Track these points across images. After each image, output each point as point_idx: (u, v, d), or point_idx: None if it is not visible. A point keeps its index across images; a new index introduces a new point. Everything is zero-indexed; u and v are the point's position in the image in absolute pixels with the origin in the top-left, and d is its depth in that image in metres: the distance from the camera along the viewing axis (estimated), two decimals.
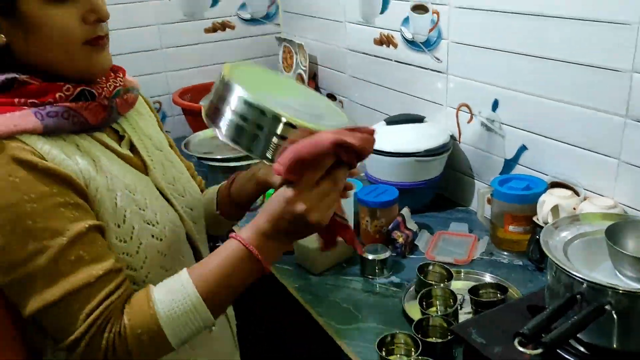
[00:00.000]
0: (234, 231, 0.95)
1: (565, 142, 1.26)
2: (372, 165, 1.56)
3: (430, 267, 1.20)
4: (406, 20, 1.64)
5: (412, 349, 1.01)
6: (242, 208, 1.08)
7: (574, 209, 1.19)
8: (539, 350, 0.72)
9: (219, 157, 1.67)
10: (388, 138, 1.53)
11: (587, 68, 1.17)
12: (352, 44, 1.93)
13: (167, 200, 0.95)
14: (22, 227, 0.73)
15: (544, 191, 1.26)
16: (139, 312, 0.77)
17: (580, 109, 1.21)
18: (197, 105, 2.09)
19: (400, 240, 1.33)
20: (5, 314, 0.83)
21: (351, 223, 1.35)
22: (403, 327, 1.09)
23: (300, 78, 2.15)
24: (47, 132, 0.78)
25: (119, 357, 0.75)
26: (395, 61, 1.73)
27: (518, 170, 1.40)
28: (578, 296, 0.83)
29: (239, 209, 1.07)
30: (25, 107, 0.78)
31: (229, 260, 0.78)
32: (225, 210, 1.08)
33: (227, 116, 0.77)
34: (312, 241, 1.22)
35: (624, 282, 0.84)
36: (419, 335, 1.01)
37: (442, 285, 1.14)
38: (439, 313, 1.09)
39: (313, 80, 2.19)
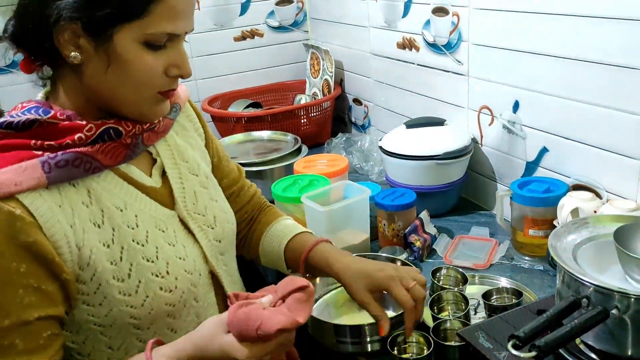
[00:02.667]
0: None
1: (586, 144, 1.23)
2: (392, 168, 1.55)
3: (444, 271, 1.19)
4: (427, 23, 1.64)
5: (425, 349, 1.00)
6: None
7: (595, 211, 1.15)
8: (532, 354, 0.70)
9: (243, 161, 1.70)
10: (408, 141, 1.52)
11: (608, 67, 1.14)
12: (376, 48, 1.93)
13: (192, 234, 0.92)
14: None
15: (565, 194, 1.23)
16: None
17: (601, 109, 1.17)
18: (226, 112, 2.13)
19: (418, 244, 1.32)
20: None
21: (368, 227, 1.35)
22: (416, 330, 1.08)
23: (327, 84, 2.16)
24: (54, 183, 0.76)
25: None
26: (418, 64, 1.72)
27: (540, 172, 1.37)
28: (584, 300, 0.81)
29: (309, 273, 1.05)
30: (38, 153, 0.76)
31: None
32: (294, 268, 1.07)
33: None
34: None
35: (634, 286, 0.81)
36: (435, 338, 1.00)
37: (455, 289, 1.13)
38: (451, 317, 1.07)
39: (340, 85, 2.21)
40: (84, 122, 0.79)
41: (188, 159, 0.96)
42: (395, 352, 1.00)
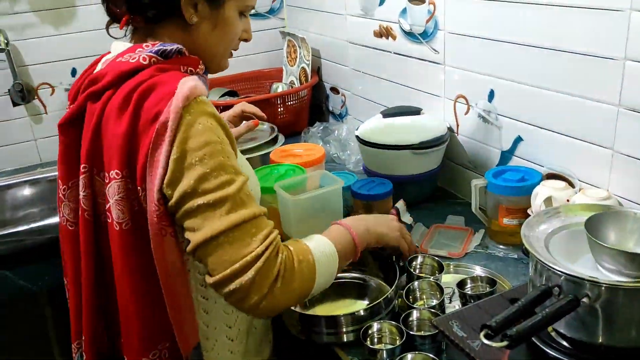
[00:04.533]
0: None
1: (559, 133, 1.24)
2: (368, 158, 1.55)
3: (420, 260, 1.19)
4: (404, 12, 1.63)
5: (397, 339, 1.00)
6: None
7: (568, 200, 1.16)
8: (504, 343, 0.71)
9: None
10: (384, 131, 1.52)
11: (580, 56, 1.14)
12: (353, 36, 1.92)
13: None
14: (218, 161, 0.86)
15: (539, 183, 1.24)
16: (297, 246, 0.94)
17: (573, 98, 1.18)
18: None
19: None
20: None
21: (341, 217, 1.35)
22: (392, 319, 1.08)
23: (303, 72, 2.14)
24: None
25: (286, 280, 0.88)
26: (394, 53, 1.72)
27: (515, 161, 1.38)
28: (556, 289, 0.82)
29: None
30: (187, 74, 0.93)
31: (342, 237, 1.03)
32: None
33: None
34: None
35: (604, 274, 0.82)
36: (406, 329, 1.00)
37: (431, 278, 1.13)
38: (426, 306, 1.08)
39: (317, 74, 2.19)
40: (198, 58, 0.98)
41: None
42: (368, 342, 1.00)
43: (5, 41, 1.89)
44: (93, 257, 0.97)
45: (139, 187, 0.88)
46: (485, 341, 0.72)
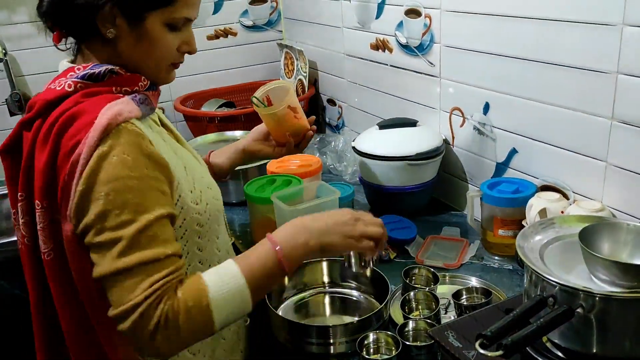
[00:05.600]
0: None
1: (554, 145, 1.25)
2: (365, 169, 1.56)
3: (416, 271, 1.20)
4: (400, 25, 1.65)
5: (393, 349, 1.01)
6: (219, 177, 1.34)
7: (562, 212, 1.17)
8: (499, 352, 0.71)
9: None
10: (381, 142, 1.53)
11: (574, 70, 1.16)
12: (349, 49, 1.94)
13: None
14: (123, 198, 0.83)
15: (533, 195, 1.25)
16: (191, 288, 0.85)
17: (567, 111, 1.20)
18: (199, 111, 2.11)
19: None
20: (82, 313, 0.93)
21: None
22: (388, 330, 1.08)
23: (300, 84, 2.16)
24: (142, 118, 0.91)
25: (169, 329, 0.82)
26: (391, 65, 1.73)
27: (510, 173, 1.39)
28: (551, 299, 0.82)
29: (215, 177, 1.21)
30: (121, 95, 0.90)
31: (264, 258, 0.91)
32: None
33: None
34: None
35: (598, 285, 0.83)
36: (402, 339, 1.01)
37: (426, 289, 1.14)
38: (422, 316, 1.08)
39: (314, 85, 2.21)
40: (140, 75, 0.95)
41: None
42: (364, 353, 1.00)
43: (4, 51, 1.90)
44: (36, 284, 0.96)
45: (60, 218, 0.88)
46: (481, 350, 0.72)
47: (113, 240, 0.82)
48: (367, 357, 0.99)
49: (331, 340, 1.04)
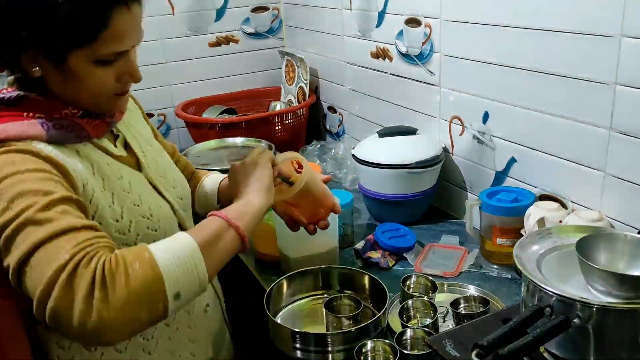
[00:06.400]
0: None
1: (552, 155, 1.26)
2: (364, 177, 1.57)
3: (414, 279, 1.20)
4: (400, 34, 1.66)
5: (391, 357, 1.01)
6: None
7: (560, 221, 1.18)
8: None
9: (216, 168, 1.69)
10: (380, 150, 1.54)
11: (574, 81, 1.17)
12: (350, 57, 1.95)
13: (160, 193, 1.04)
14: (16, 190, 0.76)
15: (532, 204, 1.26)
16: (135, 252, 0.76)
17: (566, 121, 1.20)
18: (201, 117, 2.13)
19: (376, 255, 1.34)
20: (13, 317, 0.87)
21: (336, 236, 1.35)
22: (386, 338, 1.08)
23: (301, 91, 2.17)
24: (50, 141, 0.86)
25: (109, 282, 0.71)
26: (391, 74, 1.74)
27: (509, 182, 1.40)
28: (547, 309, 0.83)
29: None
30: (29, 119, 0.86)
31: (215, 228, 0.85)
32: (227, 203, 1.12)
33: None
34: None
35: (595, 295, 0.83)
36: (400, 347, 1.01)
37: (425, 297, 1.14)
38: (420, 325, 1.08)
39: (315, 93, 2.22)
40: (64, 103, 0.89)
41: (142, 133, 1.09)
42: None
43: None
44: None
45: None
46: None
47: (18, 227, 0.74)
48: None
49: (329, 348, 1.04)
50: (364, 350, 1.02)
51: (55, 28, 0.81)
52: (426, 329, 1.04)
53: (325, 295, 1.24)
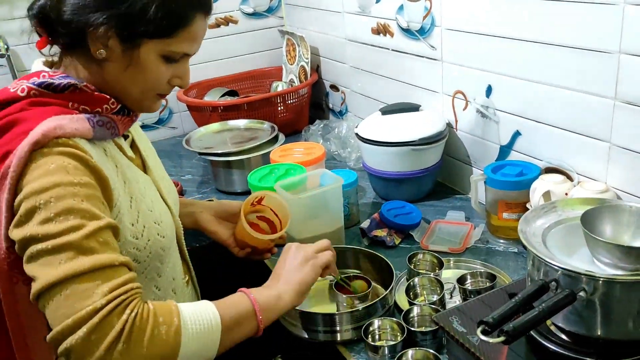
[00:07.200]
0: None
1: (557, 127, 1.25)
2: (368, 155, 1.56)
3: (421, 256, 1.20)
4: (401, 8, 1.63)
5: (399, 335, 1.01)
6: None
7: (566, 194, 1.17)
8: (501, 339, 0.72)
9: (219, 151, 1.69)
10: (383, 128, 1.53)
11: (576, 50, 1.15)
12: (350, 34, 1.93)
13: (163, 198, 1.04)
14: (67, 204, 0.77)
15: (537, 177, 1.25)
16: (162, 304, 0.80)
17: (570, 92, 1.19)
18: (202, 101, 2.12)
19: (382, 233, 1.34)
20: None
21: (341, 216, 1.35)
22: (394, 316, 1.09)
23: (303, 70, 2.15)
24: (94, 139, 0.88)
25: (132, 341, 0.73)
26: (392, 50, 1.72)
27: (513, 156, 1.39)
28: (553, 283, 0.83)
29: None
30: (77, 112, 0.87)
31: (241, 312, 0.88)
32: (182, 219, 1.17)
33: None
34: None
35: (601, 268, 0.83)
36: (407, 325, 1.01)
37: (431, 274, 1.14)
38: (427, 302, 1.09)
39: (316, 71, 2.20)
40: (108, 97, 0.90)
41: (141, 133, 1.12)
42: (370, 339, 1.01)
43: (6, 47, 1.90)
44: None
45: None
46: (482, 337, 0.73)
47: (60, 247, 0.75)
48: (372, 343, 1.00)
49: (337, 328, 1.05)
50: (371, 329, 1.03)
51: (144, 14, 0.84)
52: (433, 306, 1.05)
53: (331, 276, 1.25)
